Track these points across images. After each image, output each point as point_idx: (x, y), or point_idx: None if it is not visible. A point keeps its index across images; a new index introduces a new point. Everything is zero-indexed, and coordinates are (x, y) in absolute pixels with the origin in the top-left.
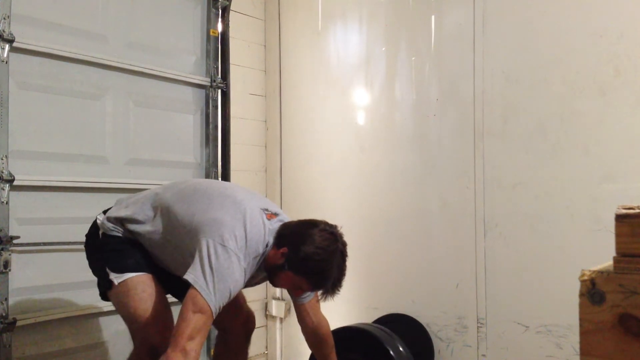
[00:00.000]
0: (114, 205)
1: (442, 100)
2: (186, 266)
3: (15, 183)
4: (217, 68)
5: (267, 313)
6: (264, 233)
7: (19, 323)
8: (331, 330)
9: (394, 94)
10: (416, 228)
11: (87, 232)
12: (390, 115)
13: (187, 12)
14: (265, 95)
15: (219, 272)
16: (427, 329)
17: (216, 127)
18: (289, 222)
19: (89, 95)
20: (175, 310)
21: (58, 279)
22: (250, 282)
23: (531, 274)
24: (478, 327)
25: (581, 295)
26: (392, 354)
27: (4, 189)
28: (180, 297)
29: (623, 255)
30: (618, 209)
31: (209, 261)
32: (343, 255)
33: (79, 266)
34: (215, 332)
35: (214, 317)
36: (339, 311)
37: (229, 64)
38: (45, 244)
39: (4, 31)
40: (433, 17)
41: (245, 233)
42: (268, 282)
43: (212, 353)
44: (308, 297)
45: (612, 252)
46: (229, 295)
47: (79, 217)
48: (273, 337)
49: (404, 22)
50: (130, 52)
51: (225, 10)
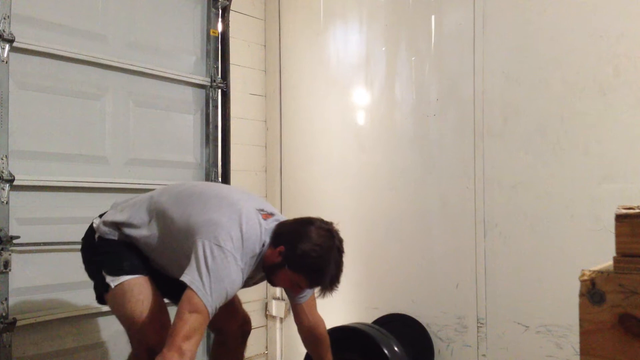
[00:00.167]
0: (110, 209)
1: (442, 100)
2: (183, 269)
3: (15, 183)
4: (217, 68)
5: (267, 313)
6: (260, 233)
7: (19, 323)
8: (327, 330)
9: (394, 94)
10: (416, 228)
11: (83, 235)
12: (390, 115)
13: (187, 12)
14: (265, 95)
15: (215, 273)
16: (427, 329)
17: (216, 127)
18: (285, 221)
19: (89, 95)
20: (172, 312)
21: (58, 279)
22: (248, 283)
23: (531, 274)
24: (478, 327)
25: (581, 295)
26: (387, 354)
27: (4, 189)
28: (177, 300)
29: (623, 255)
30: (618, 209)
31: (205, 262)
32: (340, 252)
33: (79, 266)
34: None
35: (211, 318)
36: (339, 311)
37: (229, 64)
38: (45, 244)
39: (4, 31)
40: (433, 17)
41: (242, 233)
42: (268, 282)
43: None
44: (305, 297)
45: (612, 252)
46: (225, 295)
47: (79, 217)
48: (273, 337)
49: (404, 22)
50: (130, 52)
51: (225, 10)
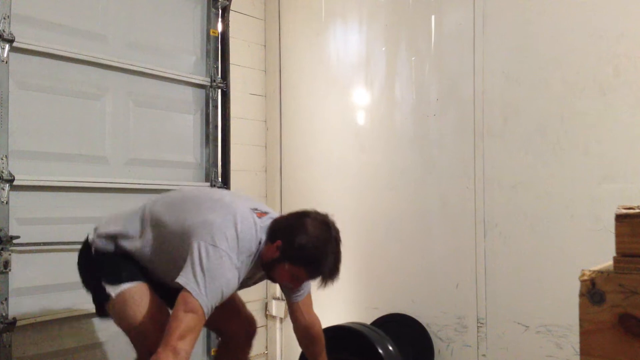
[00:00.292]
0: (104, 221)
1: (442, 100)
2: None
3: (15, 183)
4: (217, 68)
5: (267, 313)
6: (255, 231)
7: (19, 323)
8: (322, 330)
9: (394, 93)
10: (416, 228)
11: (79, 250)
12: (390, 115)
13: (187, 12)
14: (265, 95)
15: (210, 272)
16: (427, 329)
17: (216, 127)
18: (280, 216)
19: (89, 95)
20: None
21: (58, 279)
22: (247, 283)
23: (531, 274)
24: (478, 327)
25: (581, 295)
26: (382, 353)
27: (4, 189)
28: None
29: (623, 255)
30: (618, 209)
31: (200, 262)
32: (337, 242)
33: None
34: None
35: (207, 317)
36: (339, 311)
37: (229, 64)
38: (45, 244)
39: (4, 31)
40: (433, 17)
41: (237, 233)
42: (268, 282)
43: (213, 353)
44: (301, 296)
45: (612, 252)
46: (221, 294)
47: (79, 217)
48: (273, 337)
49: (404, 22)
50: (130, 52)
51: (225, 10)
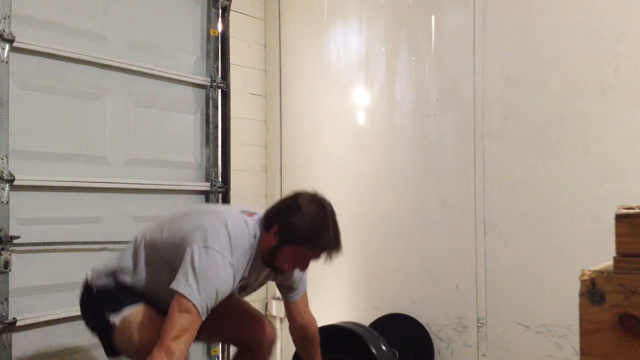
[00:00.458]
0: (100, 263)
1: (442, 100)
2: None
3: (15, 183)
4: (217, 68)
5: (267, 313)
6: (247, 228)
7: (19, 323)
8: (317, 330)
9: (394, 93)
10: (416, 228)
11: (80, 296)
12: (390, 115)
13: (187, 12)
14: (265, 95)
15: (202, 273)
16: (427, 329)
17: (216, 127)
18: (270, 206)
19: (89, 95)
20: None
21: (58, 279)
22: (252, 284)
23: (531, 274)
24: (478, 327)
25: (581, 295)
26: (375, 353)
27: (4, 189)
28: None
29: (623, 255)
30: (618, 209)
31: (192, 265)
32: (333, 215)
33: (79, 266)
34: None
35: (202, 317)
36: (339, 310)
37: (229, 63)
38: (45, 244)
39: (4, 31)
40: (433, 17)
41: (228, 231)
42: (268, 282)
43: (213, 353)
44: (298, 295)
45: (612, 252)
46: (215, 293)
47: (79, 217)
48: None
49: (404, 22)
50: (130, 52)
51: (225, 10)
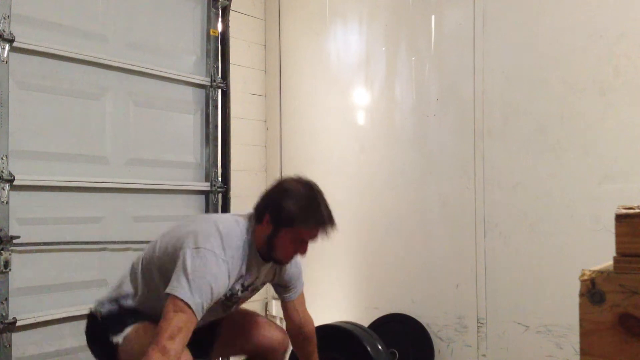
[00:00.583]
0: (102, 294)
1: (442, 100)
2: None
3: (15, 183)
4: (217, 68)
5: (267, 313)
6: (238, 226)
7: (19, 323)
8: (314, 329)
9: (394, 93)
10: (416, 228)
11: (85, 326)
12: (390, 115)
13: (187, 12)
14: (265, 95)
15: (195, 272)
16: (427, 329)
17: (216, 127)
18: (257, 200)
19: (89, 95)
20: None
21: (58, 279)
22: (254, 283)
23: (531, 274)
24: (478, 327)
25: (581, 295)
26: (371, 353)
27: (4, 189)
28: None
29: (623, 255)
30: (618, 209)
31: (184, 267)
32: (321, 192)
33: (79, 266)
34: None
35: (198, 316)
36: (339, 310)
37: (229, 63)
38: (45, 244)
39: (4, 31)
40: (433, 17)
41: (219, 231)
42: (277, 264)
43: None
44: (295, 294)
45: (612, 252)
46: (210, 290)
47: (79, 217)
48: None
49: (404, 22)
50: (130, 52)
51: (225, 10)
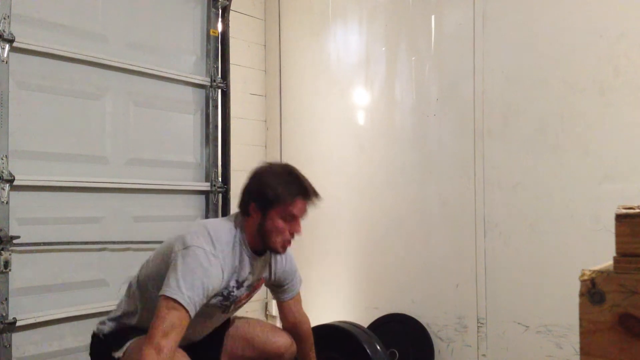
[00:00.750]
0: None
1: (442, 100)
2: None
3: (15, 183)
4: (217, 68)
5: (267, 313)
6: (226, 225)
7: (19, 323)
8: (311, 328)
9: (394, 93)
10: (416, 228)
11: (90, 349)
12: (390, 115)
13: (187, 12)
14: (265, 95)
15: (185, 270)
16: (427, 329)
17: (216, 127)
18: (239, 198)
19: (89, 95)
20: None
21: (58, 279)
22: (249, 279)
23: (531, 274)
24: (478, 327)
25: (581, 295)
26: (370, 353)
27: (4, 189)
28: None
29: (623, 255)
30: (618, 209)
31: (174, 268)
32: (296, 168)
33: (79, 266)
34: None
35: (191, 313)
36: (339, 310)
37: (229, 64)
38: (45, 244)
39: (4, 31)
40: (433, 17)
41: (207, 230)
42: (274, 254)
43: None
44: (290, 294)
45: (612, 252)
46: (202, 287)
47: (79, 217)
48: None
49: (404, 22)
50: (130, 52)
51: (225, 10)
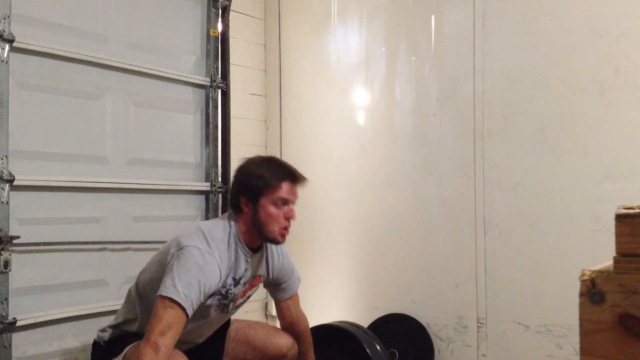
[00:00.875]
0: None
1: (442, 100)
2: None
3: (15, 183)
4: (217, 68)
5: (267, 313)
6: (220, 224)
7: (19, 323)
8: (309, 327)
9: (394, 93)
10: (416, 228)
11: (91, 356)
12: (390, 115)
13: (187, 12)
14: (265, 95)
15: (180, 269)
16: (427, 329)
17: (216, 127)
18: (229, 199)
19: (89, 95)
20: None
21: (58, 279)
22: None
23: (531, 274)
24: (478, 327)
25: (581, 295)
26: (369, 353)
27: (4, 189)
28: None
29: (623, 255)
30: (618, 209)
31: (170, 269)
32: (277, 157)
33: (79, 266)
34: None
35: (189, 312)
36: (339, 310)
37: (229, 64)
38: (45, 244)
39: (4, 31)
40: (433, 17)
41: (200, 230)
42: (273, 244)
43: None
44: (288, 293)
45: (612, 252)
46: (197, 284)
47: (79, 217)
48: None
49: (404, 22)
50: (130, 52)
51: (225, 10)
